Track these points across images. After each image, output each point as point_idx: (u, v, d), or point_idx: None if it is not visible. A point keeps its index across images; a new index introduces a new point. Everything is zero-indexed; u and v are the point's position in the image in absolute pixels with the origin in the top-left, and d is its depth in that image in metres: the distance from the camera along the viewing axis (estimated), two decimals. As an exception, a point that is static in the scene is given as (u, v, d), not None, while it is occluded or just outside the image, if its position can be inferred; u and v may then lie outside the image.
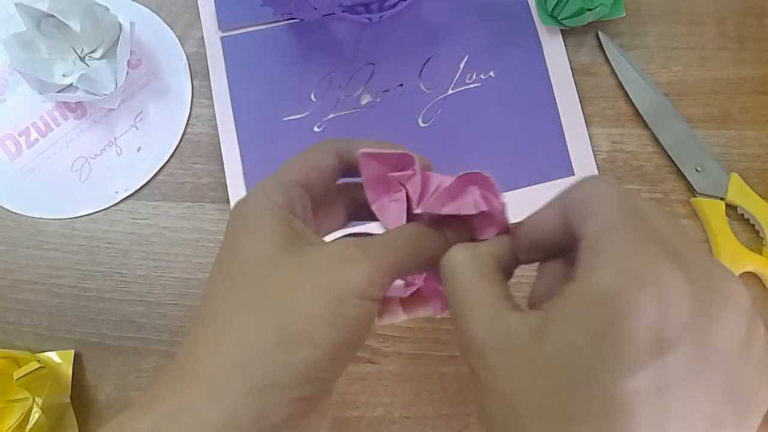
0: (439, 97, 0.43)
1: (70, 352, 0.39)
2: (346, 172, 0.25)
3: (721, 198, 0.41)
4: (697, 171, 0.42)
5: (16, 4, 0.40)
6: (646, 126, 0.43)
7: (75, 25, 0.41)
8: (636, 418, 0.16)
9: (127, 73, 0.42)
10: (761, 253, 0.41)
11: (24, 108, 0.43)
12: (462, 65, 0.44)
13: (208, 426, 0.18)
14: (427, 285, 0.26)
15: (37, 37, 0.41)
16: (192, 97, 0.43)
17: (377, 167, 0.24)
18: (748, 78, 0.44)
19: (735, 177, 0.42)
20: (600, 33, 0.44)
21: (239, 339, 0.19)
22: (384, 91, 0.43)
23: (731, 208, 0.42)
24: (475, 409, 0.39)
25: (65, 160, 0.42)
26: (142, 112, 0.43)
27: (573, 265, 0.19)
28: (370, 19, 0.43)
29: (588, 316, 0.17)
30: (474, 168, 0.22)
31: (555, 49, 0.44)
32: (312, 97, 0.43)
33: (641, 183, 0.42)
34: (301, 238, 0.22)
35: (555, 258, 0.22)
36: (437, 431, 0.39)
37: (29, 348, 0.40)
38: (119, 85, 0.41)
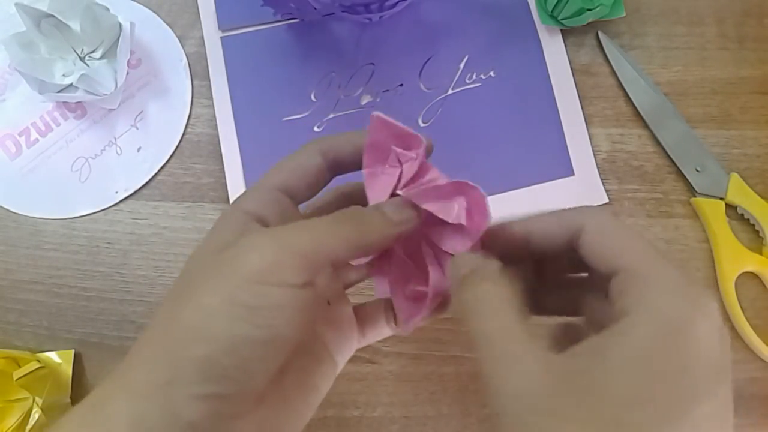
0: (439, 97, 0.43)
1: (70, 352, 0.39)
2: (336, 170, 0.25)
3: (721, 198, 0.41)
4: (697, 171, 0.42)
5: (16, 4, 0.40)
6: (646, 126, 0.43)
7: (75, 25, 0.41)
8: None
9: (127, 73, 0.42)
10: (761, 253, 0.41)
11: (24, 108, 0.43)
12: (462, 65, 0.44)
13: (121, 419, 0.18)
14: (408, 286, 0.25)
15: (37, 37, 0.41)
16: (192, 97, 0.43)
17: (385, 135, 0.23)
18: (748, 78, 0.44)
19: (735, 177, 0.42)
20: (600, 33, 0.44)
21: (152, 337, 0.20)
22: (384, 91, 0.43)
23: (731, 208, 0.42)
24: (475, 410, 0.39)
25: (65, 160, 0.42)
26: (142, 112, 0.43)
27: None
28: (370, 19, 0.43)
29: (658, 343, 0.18)
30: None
31: (555, 49, 0.44)
32: (312, 97, 0.43)
33: (641, 183, 0.42)
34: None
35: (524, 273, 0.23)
36: (437, 431, 0.39)
37: (29, 348, 0.40)
38: (119, 85, 0.41)
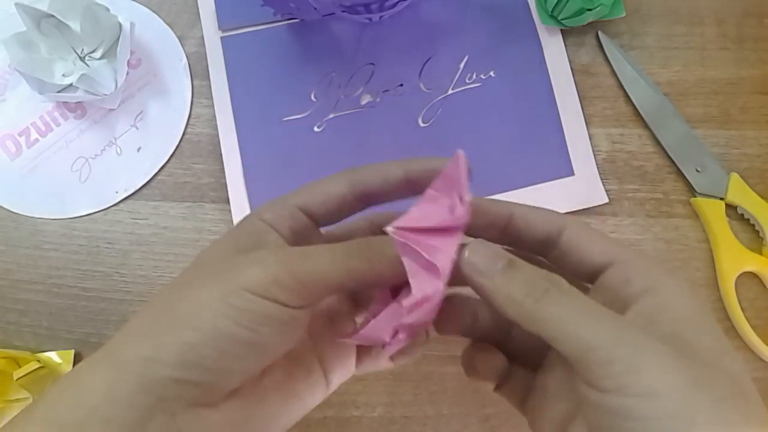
0: (439, 97, 0.43)
1: (70, 352, 0.39)
2: (366, 201, 0.25)
3: (721, 198, 0.41)
4: (697, 171, 0.42)
5: (16, 4, 0.40)
6: (646, 126, 0.43)
7: (75, 25, 0.41)
8: None
9: (127, 73, 0.42)
10: (761, 253, 0.41)
11: (24, 108, 0.43)
12: (462, 65, 0.44)
13: (97, 386, 0.19)
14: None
15: (37, 37, 0.41)
16: (192, 97, 0.43)
17: (458, 174, 0.21)
18: (748, 78, 0.44)
19: (735, 177, 0.42)
20: (600, 33, 0.44)
21: (145, 317, 0.21)
22: (384, 91, 0.43)
23: (731, 208, 0.42)
24: (475, 410, 0.39)
25: (65, 160, 0.42)
26: (142, 112, 0.43)
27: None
28: (370, 19, 0.43)
29: (693, 303, 0.20)
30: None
31: (555, 49, 0.44)
32: (312, 97, 0.43)
33: (641, 183, 0.42)
34: (262, 248, 0.23)
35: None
36: (437, 431, 0.39)
37: (29, 348, 0.40)
38: (119, 85, 0.41)
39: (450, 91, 0.43)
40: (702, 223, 0.42)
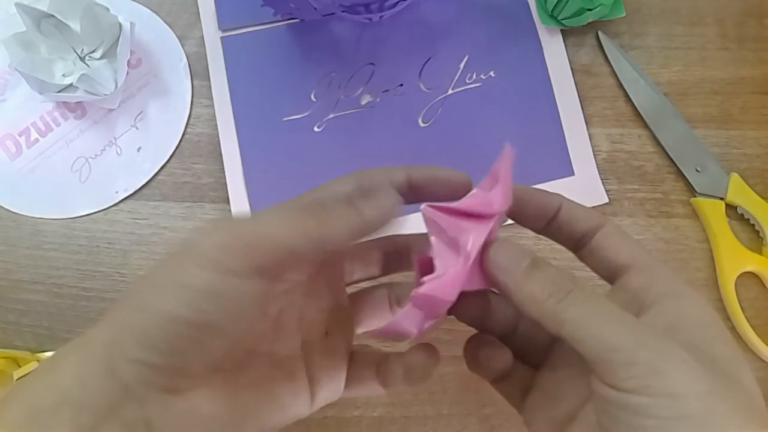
0: (439, 97, 0.43)
1: (70, 352, 0.39)
2: None
3: (721, 198, 0.41)
4: (697, 171, 0.42)
5: (16, 4, 0.40)
6: (646, 126, 0.43)
7: (75, 25, 0.41)
8: None
9: (127, 73, 0.42)
10: (761, 253, 0.41)
11: (24, 108, 0.43)
12: (462, 65, 0.44)
13: (68, 373, 0.20)
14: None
15: (37, 37, 0.41)
16: (192, 97, 0.43)
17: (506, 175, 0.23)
18: (748, 78, 0.44)
19: (735, 177, 0.42)
20: (600, 33, 0.44)
21: (117, 303, 0.21)
22: (384, 91, 0.43)
23: (731, 208, 0.42)
24: (475, 410, 0.39)
25: (65, 160, 0.42)
26: (142, 112, 0.43)
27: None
28: (370, 19, 0.43)
29: (706, 310, 0.21)
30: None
31: (555, 49, 0.44)
32: (312, 97, 0.43)
33: (641, 183, 0.42)
34: None
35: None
36: (437, 431, 0.39)
37: (29, 348, 0.40)
38: (119, 85, 0.41)
39: (450, 91, 0.43)
40: (702, 223, 0.42)
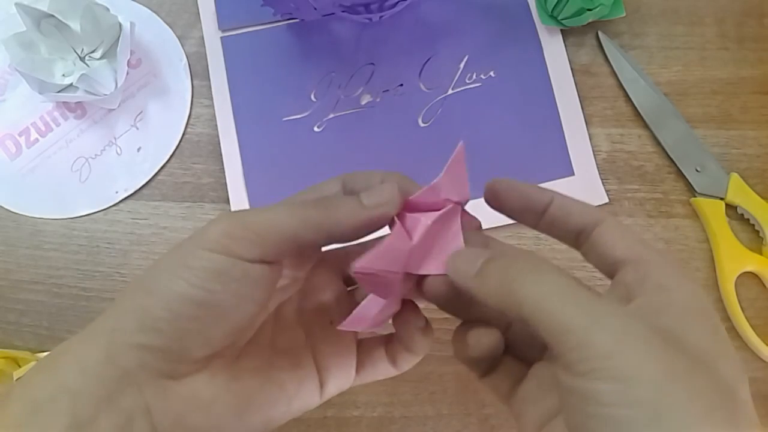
0: (439, 97, 0.43)
1: (70, 352, 0.39)
2: None
3: (721, 198, 0.41)
4: (697, 171, 0.42)
5: (16, 4, 0.40)
6: (646, 126, 0.43)
7: (75, 25, 0.41)
8: None
9: (127, 73, 0.42)
10: (761, 253, 0.41)
11: (24, 108, 0.43)
12: (462, 65, 0.44)
13: (71, 360, 0.20)
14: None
15: (37, 37, 0.41)
16: (192, 97, 0.43)
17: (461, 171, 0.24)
18: (748, 78, 0.44)
19: (735, 177, 0.42)
20: (600, 33, 0.44)
21: (124, 292, 0.22)
22: (384, 91, 0.43)
23: (731, 208, 0.42)
24: (475, 410, 0.39)
25: (65, 160, 0.42)
26: (142, 112, 0.43)
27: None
28: (370, 19, 0.43)
29: (702, 301, 0.20)
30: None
31: (555, 49, 0.44)
32: (312, 97, 0.43)
33: (641, 183, 0.42)
34: None
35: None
36: (437, 431, 0.39)
37: (29, 348, 0.40)
38: (119, 85, 0.41)
39: (450, 91, 0.43)
40: (702, 223, 0.42)
